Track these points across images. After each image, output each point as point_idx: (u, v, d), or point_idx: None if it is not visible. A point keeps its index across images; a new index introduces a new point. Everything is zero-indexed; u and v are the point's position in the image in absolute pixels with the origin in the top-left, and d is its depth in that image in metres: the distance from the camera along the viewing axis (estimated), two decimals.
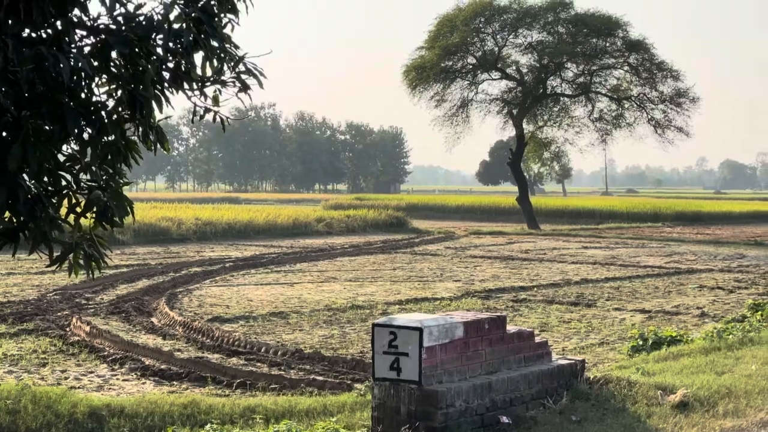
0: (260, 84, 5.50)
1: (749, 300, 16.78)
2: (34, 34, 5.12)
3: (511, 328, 7.82)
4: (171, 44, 5.21)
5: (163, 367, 11.54)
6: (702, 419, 7.31)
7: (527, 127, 51.33)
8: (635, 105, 49.32)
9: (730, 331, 12.13)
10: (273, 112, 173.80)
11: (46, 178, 5.31)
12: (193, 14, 5.24)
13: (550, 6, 47.99)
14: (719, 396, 7.98)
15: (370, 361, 7.18)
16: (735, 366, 9.43)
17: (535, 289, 20.94)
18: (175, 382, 10.83)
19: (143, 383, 10.84)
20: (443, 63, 48.19)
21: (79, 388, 10.37)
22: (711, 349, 10.55)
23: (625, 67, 48.78)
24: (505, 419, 7.05)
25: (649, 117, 48.96)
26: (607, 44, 47.93)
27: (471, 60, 49.43)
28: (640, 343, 11.72)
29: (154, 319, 15.57)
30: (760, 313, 13.93)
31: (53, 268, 5.55)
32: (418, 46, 49.92)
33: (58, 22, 5.11)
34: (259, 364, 11.88)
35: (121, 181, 5.54)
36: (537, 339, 8.11)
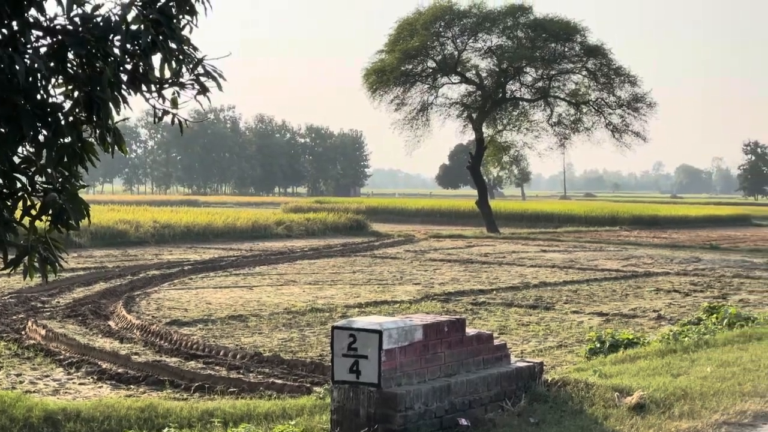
0: (219, 86, 5.47)
1: (705, 303, 16.98)
2: None
3: (470, 330, 7.84)
4: (129, 46, 5.16)
5: (120, 370, 11.43)
6: (658, 421, 7.38)
7: (487, 131, 51.63)
8: (593, 110, 49.78)
9: (686, 333, 12.28)
10: (232, 114, 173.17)
11: (0, 180, 5.24)
12: (151, 16, 5.20)
13: (510, 11, 48.29)
14: (675, 398, 8.06)
15: (330, 364, 7.17)
16: (690, 368, 9.53)
17: (495, 292, 21.03)
18: (132, 386, 10.74)
19: (100, 387, 10.73)
20: (403, 66, 48.31)
21: (34, 392, 10.24)
22: (667, 352, 10.66)
23: (584, 72, 49.23)
24: (463, 421, 7.07)
25: (607, 122, 49.46)
26: (566, 49, 48.34)
27: (431, 64, 49.62)
28: (598, 345, 11.82)
29: (111, 323, 15.43)
30: (715, 315, 14.10)
31: (8, 271, 5.47)
32: (379, 50, 50.13)
33: (14, 23, 5.04)
34: (217, 367, 11.81)
35: (78, 183, 5.48)
36: (496, 341, 8.15)
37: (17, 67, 4.75)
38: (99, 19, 5.12)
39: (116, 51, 5.15)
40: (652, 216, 61.78)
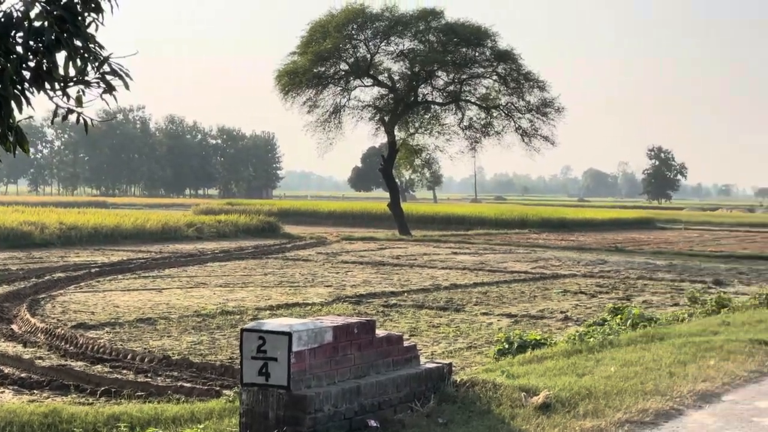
0: (126, 85, 5.40)
1: (610, 304, 17.34)
2: None
3: (380, 332, 7.86)
4: (32, 42, 5.05)
5: (23, 375, 11.16)
6: (563, 420, 7.51)
7: (399, 134, 51.86)
8: (503, 114, 50.37)
9: (591, 334, 12.51)
10: (142, 114, 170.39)
11: None
12: (55, 12, 5.10)
13: (422, 15, 48.57)
14: (580, 397, 8.21)
15: (239, 366, 7.12)
16: (595, 368, 9.72)
17: (406, 294, 21.15)
18: (35, 391, 10.49)
19: (1, 392, 10.46)
20: (316, 69, 48.21)
21: None
22: (573, 352, 10.85)
23: (494, 77, 49.78)
24: (373, 423, 7.09)
25: (517, 126, 50.10)
26: (477, 54, 48.83)
27: (343, 66, 49.61)
28: (506, 346, 11.96)
29: (14, 326, 15.05)
30: (619, 316, 14.41)
31: None
32: (291, 51, 49.92)
33: None
34: (125, 371, 11.62)
35: None
36: (406, 343, 8.19)
37: None
38: (0, 14, 5.00)
39: (19, 48, 5.04)
40: (560, 219, 62.88)
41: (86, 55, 5.23)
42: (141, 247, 35.00)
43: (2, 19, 4.95)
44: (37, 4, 5.07)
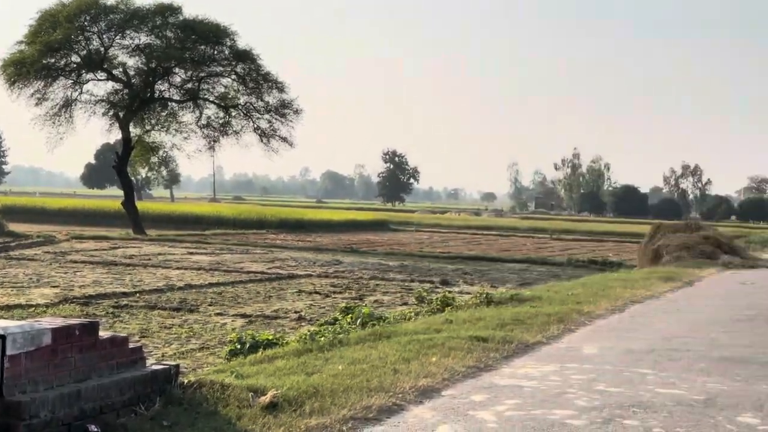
0: None
1: (342, 304, 17.72)
2: None
3: (104, 334, 7.62)
4: None
5: None
6: (290, 419, 7.58)
7: (134, 131, 50.57)
8: (242, 113, 50.33)
9: (322, 333, 12.73)
10: None
11: None
12: None
13: (159, 9, 47.61)
14: (307, 396, 8.32)
15: None
16: (324, 366, 9.89)
17: (138, 294, 20.63)
18: None
19: None
20: (45, 60, 46.04)
21: None
22: (304, 351, 10.98)
23: (233, 76, 49.65)
24: (93, 427, 6.85)
25: (255, 126, 50.23)
26: (215, 52, 48.50)
27: (75, 59, 47.71)
28: (238, 347, 11.94)
29: None
30: (350, 315, 14.75)
31: None
32: (18, 41, 47.38)
33: None
34: None
35: None
36: (132, 345, 7.98)
37: None
38: None
39: None
40: (298, 220, 63.60)
41: None
42: None
43: None
44: None
